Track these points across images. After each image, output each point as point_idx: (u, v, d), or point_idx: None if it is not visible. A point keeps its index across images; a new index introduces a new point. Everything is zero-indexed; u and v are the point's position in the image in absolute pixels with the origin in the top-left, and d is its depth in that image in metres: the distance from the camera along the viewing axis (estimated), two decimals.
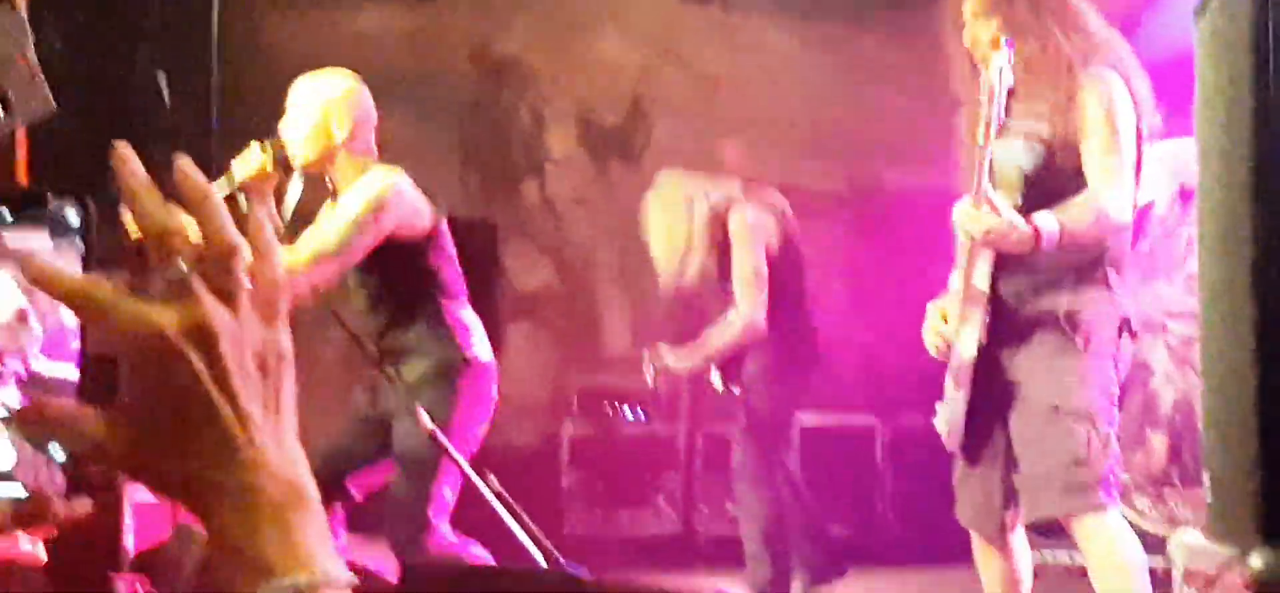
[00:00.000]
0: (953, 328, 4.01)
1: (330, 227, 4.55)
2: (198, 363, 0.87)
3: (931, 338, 4.11)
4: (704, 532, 8.36)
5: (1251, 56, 2.06)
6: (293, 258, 4.40)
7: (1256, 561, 2.25)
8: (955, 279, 4.12)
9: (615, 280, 9.02)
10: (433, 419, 4.36)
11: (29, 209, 0.91)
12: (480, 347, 4.75)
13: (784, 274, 5.86)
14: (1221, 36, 2.22)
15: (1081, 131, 3.84)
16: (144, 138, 7.84)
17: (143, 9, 7.88)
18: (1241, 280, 2.16)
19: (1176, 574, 2.81)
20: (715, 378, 6.08)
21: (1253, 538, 2.29)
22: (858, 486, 8.47)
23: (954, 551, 4.53)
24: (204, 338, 0.88)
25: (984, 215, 3.65)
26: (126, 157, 0.93)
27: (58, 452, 0.90)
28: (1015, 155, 3.87)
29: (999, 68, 3.75)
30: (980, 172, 3.72)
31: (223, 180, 4.44)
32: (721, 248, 5.84)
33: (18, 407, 0.88)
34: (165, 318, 0.88)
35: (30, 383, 0.92)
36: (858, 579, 7.56)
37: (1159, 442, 6.73)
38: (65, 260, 0.91)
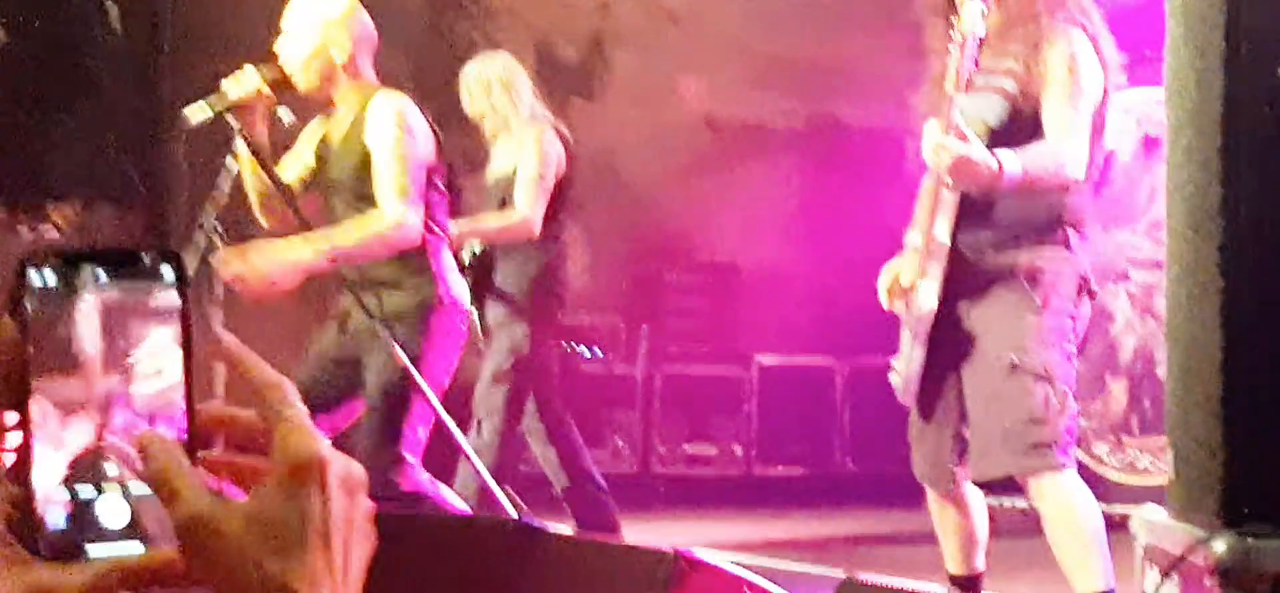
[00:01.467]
0: (909, 281, 3.98)
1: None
2: (329, 505, 0.90)
3: (887, 297, 4.07)
4: (661, 472, 8.35)
5: (1221, 14, 2.00)
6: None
7: (1220, 546, 2.21)
8: (912, 236, 4.08)
9: (572, 217, 8.93)
10: (407, 356, 4.32)
11: (123, 266, 0.90)
12: (457, 287, 4.70)
13: (557, 208, 5.79)
14: (1193, 12, 2.16)
15: (1044, 84, 3.80)
16: (91, 62, 7.72)
17: None
18: (1209, 258, 2.11)
19: (1138, 550, 2.78)
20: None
21: (1216, 521, 2.25)
22: (816, 427, 8.46)
23: (911, 494, 4.52)
24: (339, 487, 0.91)
25: (952, 142, 3.60)
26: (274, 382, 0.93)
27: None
28: (981, 109, 3.82)
29: (973, 18, 3.68)
30: (950, 108, 3.66)
31: (211, 98, 4.32)
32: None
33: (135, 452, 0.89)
34: (323, 450, 0.90)
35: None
36: (816, 521, 7.58)
37: (1119, 389, 6.74)
38: (161, 317, 0.91)
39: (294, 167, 4.78)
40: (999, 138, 3.71)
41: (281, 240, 4.44)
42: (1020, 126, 3.79)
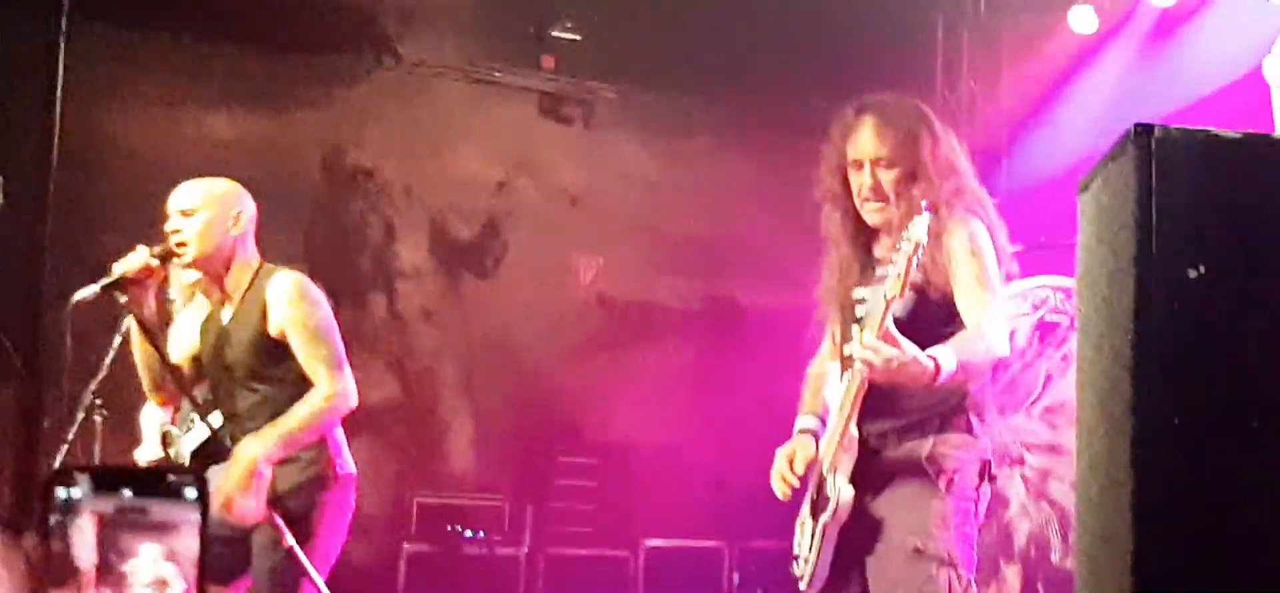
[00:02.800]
0: (803, 469, 3.99)
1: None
2: None
3: (780, 485, 4.06)
4: None
5: (1135, 234, 2.04)
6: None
7: None
8: (804, 421, 4.11)
9: (462, 396, 8.88)
10: (298, 534, 4.26)
11: (150, 486, 1.00)
12: (348, 461, 4.64)
13: None
14: (1106, 212, 2.20)
15: (951, 274, 3.86)
16: None
17: None
18: (1120, 451, 2.13)
19: None
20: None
21: None
22: None
23: None
24: None
25: (885, 347, 3.61)
26: None
27: None
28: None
29: (921, 228, 3.72)
30: (886, 311, 3.68)
31: (101, 282, 4.34)
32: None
33: None
34: None
35: None
36: None
37: (1012, 574, 6.79)
38: (186, 530, 0.99)
39: (179, 346, 4.74)
40: (903, 329, 3.75)
41: (233, 459, 4.33)
42: (926, 317, 3.84)
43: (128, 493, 0.98)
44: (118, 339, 5.98)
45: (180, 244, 4.50)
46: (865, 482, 3.92)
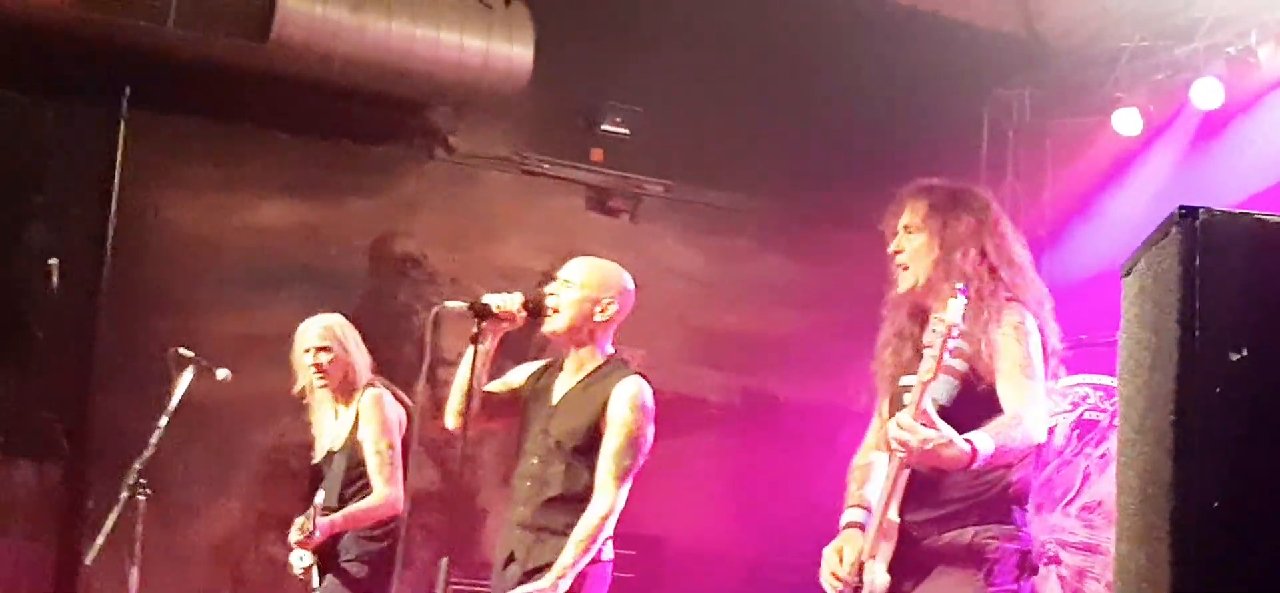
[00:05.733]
0: (851, 563, 3.96)
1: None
2: None
3: (830, 582, 4.04)
4: None
5: (1178, 316, 2.07)
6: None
7: None
8: (851, 514, 4.10)
9: (502, 484, 8.89)
10: None
11: None
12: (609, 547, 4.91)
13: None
14: (1149, 295, 2.23)
15: (995, 361, 3.87)
16: (30, 318, 7.69)
17: (37, 186, 7.76)
18: (1160, 532, 2.15)
19: None
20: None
21: None
22: None
23: None
24: None
25: (921, 428, 3.63)
26: None
27: None
28: (931, 388, 3.86)
29: (956, 311, 3.75)
30: (921, 394, 3.70)
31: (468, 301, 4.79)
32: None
33: None
34: None
35: None
36: None
37: None
38: None
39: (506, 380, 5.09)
40: (947, 416, 3.76)
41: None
42: (970, 404, 3.85)
43: None
44: (165, 420, 6.09)
45: (554, 308, 4.84)
46: (905, 570, 3.90)
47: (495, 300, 4.74)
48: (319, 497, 5.62)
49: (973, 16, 9.19)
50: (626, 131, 8.92)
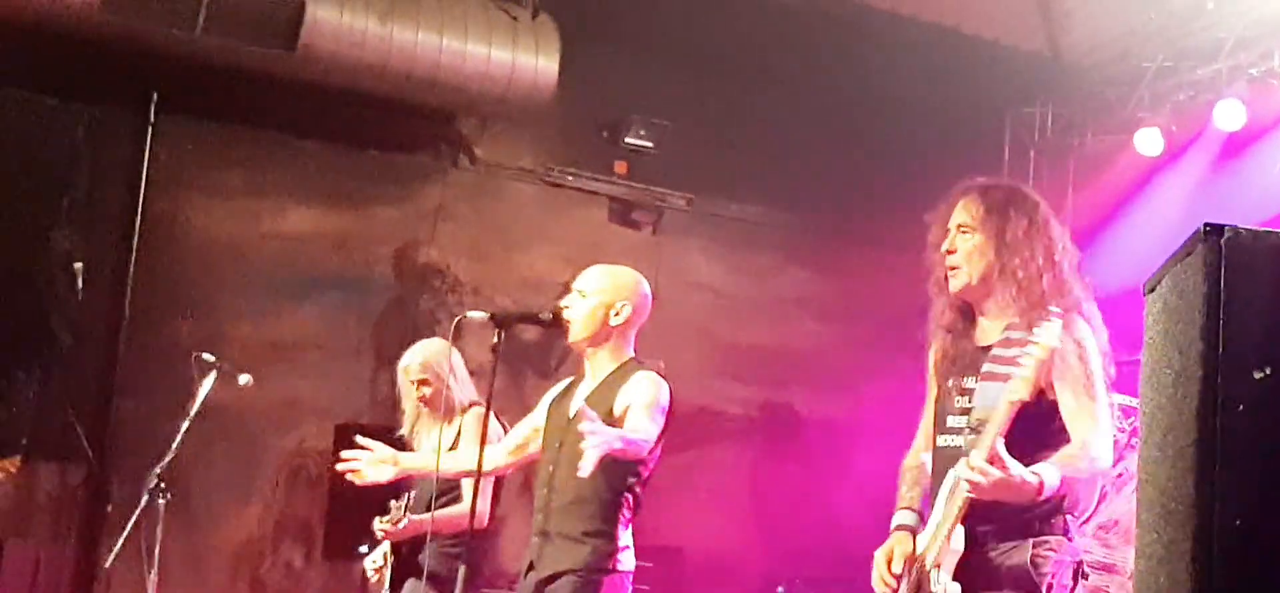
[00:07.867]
0: (901, 567, 3.97)
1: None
2: None
3: (881, 586, 4.04)
4: None
5: (1201, 333, 2.07)
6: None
7: None
8: (901, 516, 4.11)
9: (521, 494, 8.91)
10: None
11: None
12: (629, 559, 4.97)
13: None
14: (1173, 312, 2.24)
15: (1055, 375, 3.86)
16: (52, 324, 7.74)
17: (64, 190, 7.81)
18: (1181, 550, 2.15)
19: None
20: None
21: None
22: None
23: None
24: None
25: (992, 470, 3.62)
26: None
27: None
28: (991, 396, 3.85)
29: (1052, 333, 3.73)
30: (1009, 418, 3.69)
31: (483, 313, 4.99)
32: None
33: None
34: None
35: None
36: None
37: None
38: None
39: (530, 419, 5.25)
40: (1007, 433, 3.74)
41: None
42: (1028, 415, 3.82)
43: None
44: (185, 423, 6.13)
45: (568, 321, 4.96)
46: (965, 585, 3.89)
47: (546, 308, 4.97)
48: (412, 492, 5.81)
49: (997, 35, 9.19)
50: (650, 145, 8.96)
